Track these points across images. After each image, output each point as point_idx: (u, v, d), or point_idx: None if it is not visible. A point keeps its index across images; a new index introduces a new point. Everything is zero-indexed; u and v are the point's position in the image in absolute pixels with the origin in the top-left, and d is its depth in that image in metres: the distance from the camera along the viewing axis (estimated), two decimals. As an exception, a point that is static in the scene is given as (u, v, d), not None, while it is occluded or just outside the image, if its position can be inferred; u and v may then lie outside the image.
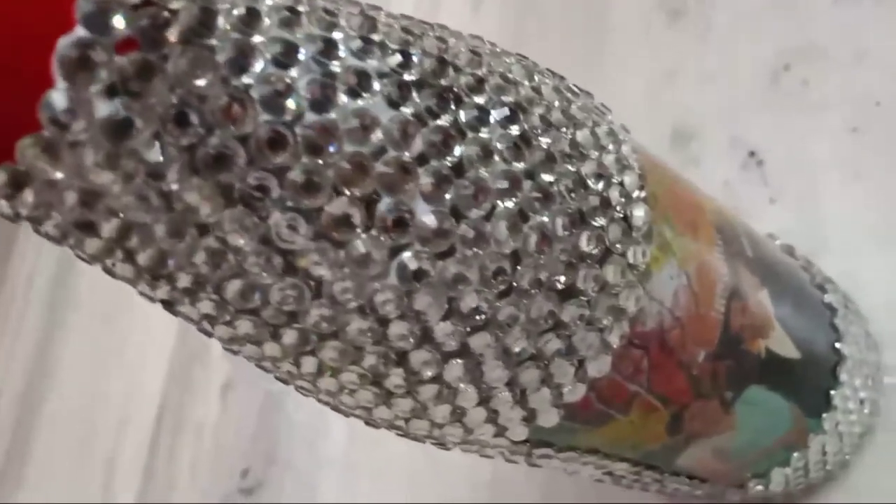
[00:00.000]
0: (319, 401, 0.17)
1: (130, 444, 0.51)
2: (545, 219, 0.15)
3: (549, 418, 0.17)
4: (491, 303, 0.15)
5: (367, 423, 0.17)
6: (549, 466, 0.20)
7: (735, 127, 0.35)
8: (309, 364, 0.15)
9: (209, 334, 0.15)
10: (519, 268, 0.15)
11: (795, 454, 0.24)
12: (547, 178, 0.15)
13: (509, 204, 0.15)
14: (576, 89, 0.18)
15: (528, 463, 0.20)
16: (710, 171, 0.35)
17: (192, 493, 0.47)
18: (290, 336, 0.14)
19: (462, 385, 0.15)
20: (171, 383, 0.50)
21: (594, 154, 0.16)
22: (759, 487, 0.25)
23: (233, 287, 0.14)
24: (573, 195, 0.15)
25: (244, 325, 0.14)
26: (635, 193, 0.17)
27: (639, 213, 0.17)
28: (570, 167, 0.16)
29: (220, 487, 0.45)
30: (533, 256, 0.15)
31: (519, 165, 0.15)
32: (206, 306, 0.14)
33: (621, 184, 0.17)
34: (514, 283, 0.15)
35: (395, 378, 0.15)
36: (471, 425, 0.17)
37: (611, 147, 0.17)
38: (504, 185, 0.14)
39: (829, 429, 0.25)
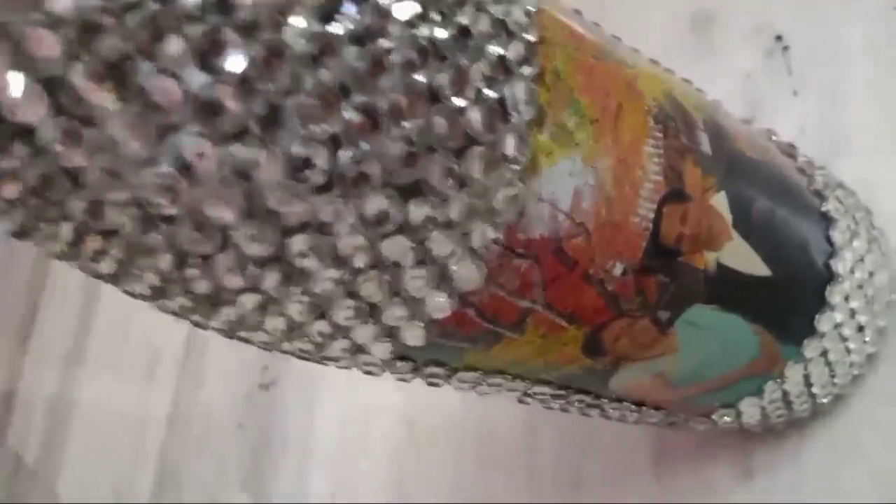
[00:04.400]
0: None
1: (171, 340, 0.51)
2: (365, 99, 0.12)
3: (414, 336, 0.15)
4: (304, 198, 0.12)
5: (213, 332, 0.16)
6: (457, 388, 0.18)
7: (761, 10, 0.30)
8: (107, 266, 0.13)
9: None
10: (340, 153, 0.12)
11: (769, 383, 0.21)
12: (384, 43, 0.12)
13: (325, 74, 0.12)
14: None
15: (427, 383, 0.18)
16: (731, 59, 0.30)
17: (218, 388, 0.48)
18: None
19: (281, 296, 0.13)
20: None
21: (464, 15, 0.13)
22: (728, 419, 0.22)
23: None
24: (421, 61, 0.12)
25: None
26: (520, 69, 0.14)
27: (519, 94, 0.13)
28: (428, 26, 0.13)
29: (244, 383, 0.45)
30: (356, 142, 0.12)
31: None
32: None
33: (501, 56, 0.13)
34: (335, 175, 0.12)
35: (202, 285, 0.13)
36: (316, 340, 0.14)
37: (493, 8, 0.14)
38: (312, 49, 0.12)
39: (813, 357, 0.21)
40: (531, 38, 0.14)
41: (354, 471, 0.38)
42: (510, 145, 0.14)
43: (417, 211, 0.13)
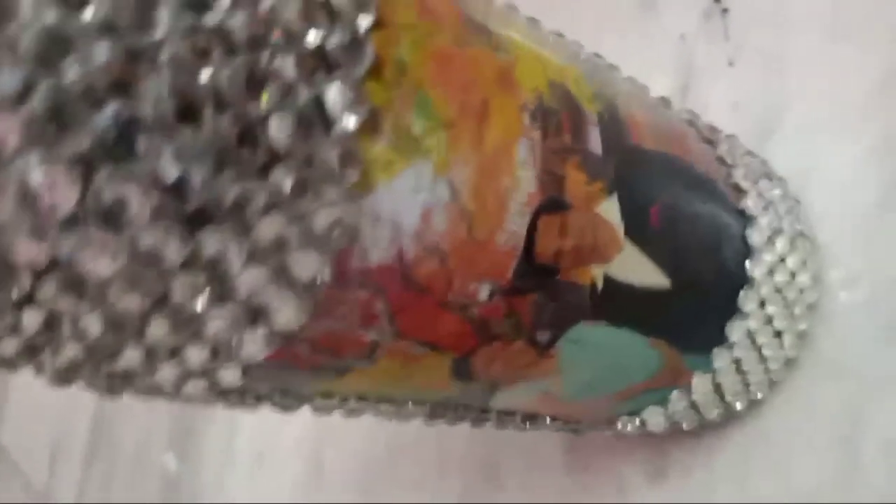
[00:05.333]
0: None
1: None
2: (119, 108, 0.09)
3: (230, 379, 0.12)
4: (45, 236, 0.10)
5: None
6: (317, 413, 0.16)
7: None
8: None
9: None
10: (94, 177, 0.10)
11: (675, 393, 0.20)
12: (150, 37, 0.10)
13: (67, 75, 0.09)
14: None
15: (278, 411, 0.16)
16: (669, 19, 0.28)
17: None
18: None
19: (48, 341, 0.11)
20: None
21: None
22: (631, 427, 0.21)
23: None
24: (197, 59, 0.10)
25: None
26: (345, 63, 0.11)
27: (340, 94, 0.11)
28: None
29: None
30: (111, 162, 0.10)
31: None
32: None
33: (317, 48, 0.11)
34: (89, 206, 0.10)
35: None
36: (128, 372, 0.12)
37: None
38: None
39: (723, 367, 0.20)
40: (362, 21, 0.11)
41: (279, 434, 0.37)
42: (331, 159, 0.11)
43: (209, 242, 0.11)
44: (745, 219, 0.19)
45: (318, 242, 0.11)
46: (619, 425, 0.20)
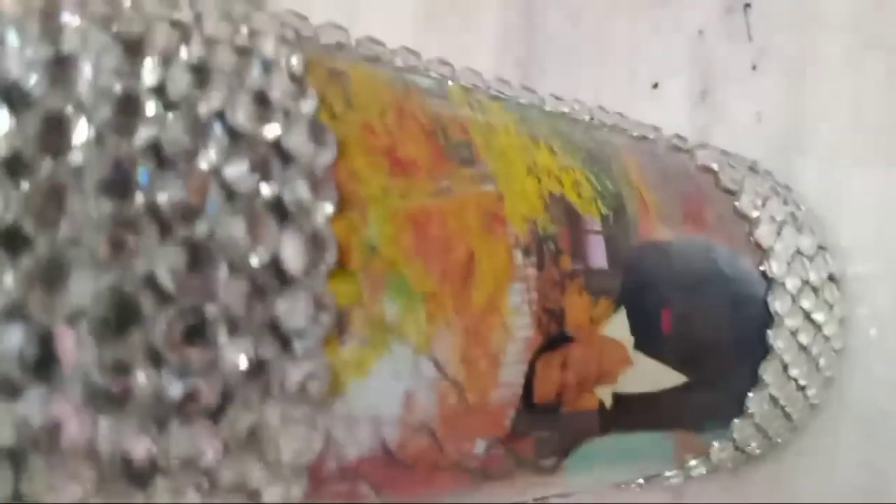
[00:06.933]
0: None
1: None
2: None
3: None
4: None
5: None
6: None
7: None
8: None
9: None
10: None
11: (692, 462, 0.19)
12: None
13: None
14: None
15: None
16: (685, 12, 0.25)
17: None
18: None
19: None
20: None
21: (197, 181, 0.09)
22: (639, 488, 0.20)
23: None
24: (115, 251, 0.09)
25: None
26: (299, 277, 0.10)
27: (289, 315, 0.10)
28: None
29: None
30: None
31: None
32: None
33: (266, 265, 0.10)
34: None
35: None
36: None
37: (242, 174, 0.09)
38: None
39: (743, 436, 0.18)
40: (320, 215, 0.10)
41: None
42: (292, 384, 0.10)
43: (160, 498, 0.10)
44: (767, 281, 0.18)
45: (285, 475, 0.10)
46: (633, 485, 0.20)
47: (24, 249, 0.08)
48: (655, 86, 0.25)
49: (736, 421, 0.18)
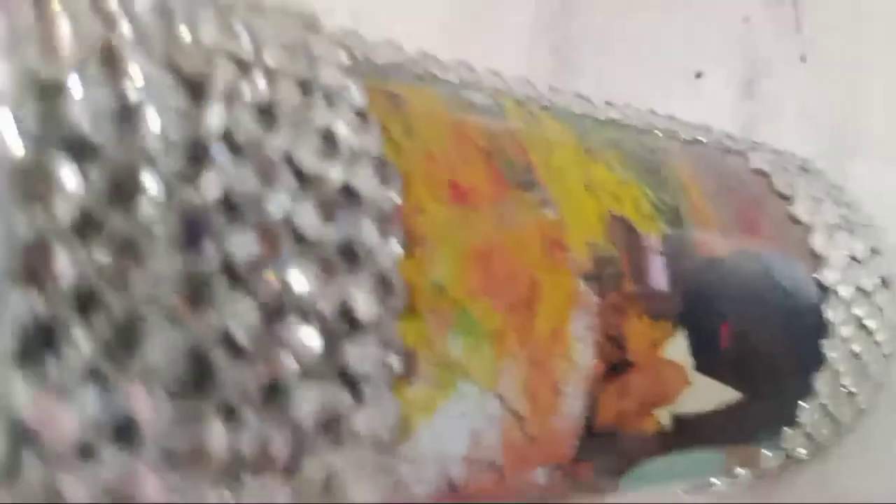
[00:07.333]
0: None
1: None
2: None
3: None
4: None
5: None
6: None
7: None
8: None
9: None
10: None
11: (741, 471, 0.19)
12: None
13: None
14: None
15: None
16: (730, 1, 0.24)
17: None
18: None
19: None
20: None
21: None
22: (687, 494, 0.20)
23: None
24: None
25: None
26: (369, 321, 0.10)
27: (360, 364, 0.09)
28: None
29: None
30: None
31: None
32: None
33: (343, 303, 0.09)
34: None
35: None
36: None
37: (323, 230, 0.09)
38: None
39: (790, 444, 0.18)
40: (387, 262, 0.10)
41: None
42: (362, 426, 0.10)
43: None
44: (822, 289, 0.17)
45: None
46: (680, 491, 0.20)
47: (97, 311, 0.08)
48: (699, 75, 0.24)
49: (787, 430, 0.18)
